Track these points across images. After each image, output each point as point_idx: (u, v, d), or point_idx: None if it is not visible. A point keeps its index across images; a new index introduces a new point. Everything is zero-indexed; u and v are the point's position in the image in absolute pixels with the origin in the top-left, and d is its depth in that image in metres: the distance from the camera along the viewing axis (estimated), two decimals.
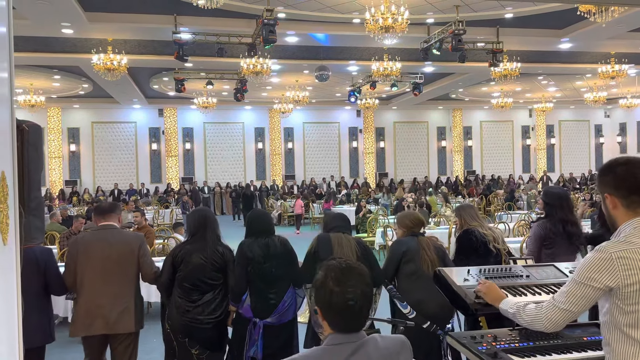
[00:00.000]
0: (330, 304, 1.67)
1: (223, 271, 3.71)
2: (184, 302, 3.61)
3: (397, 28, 9.50)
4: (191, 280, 3.62)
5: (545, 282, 2.44)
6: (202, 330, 3.59)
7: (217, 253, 3.68)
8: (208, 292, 3.64)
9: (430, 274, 3.64)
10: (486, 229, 3.96)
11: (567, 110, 26.15)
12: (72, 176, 21.44)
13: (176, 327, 3.61)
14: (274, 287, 3.81)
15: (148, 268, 3.78)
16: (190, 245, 3.71)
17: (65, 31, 11.37)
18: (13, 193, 2.38)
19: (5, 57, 2.30)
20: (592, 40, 13.56)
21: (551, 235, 3.92)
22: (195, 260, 3.63)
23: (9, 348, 2.20)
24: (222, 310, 3.71)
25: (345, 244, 3.80)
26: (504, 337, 2.18)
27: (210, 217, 3.82)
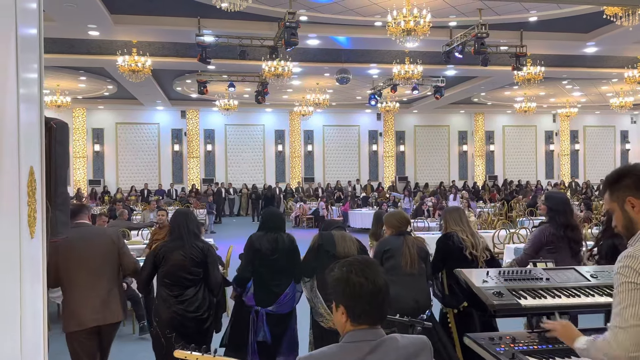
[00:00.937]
0: (359, 296, 1.69)
1: (203, 265, 3.82)
2: (168, 296, 3.75)
3: (419, 31, 9.48)
4: (172, 276, 3.76)
5: (566, 285, 2.41)
6: (186, 325, 3.71)
7: (196, 248, 3.81)
8: (190, 288, 3.77)
9: (408, 270, 3.82)
10: (467, 234, 3.96)
11: (592, 115, 25.67)
12: (96, 176, 21.84)
13: (163, 321, 3.74)
14: (278, 279, 4.08)
15: (128, 259, 3.88)
16: (171, 243, 3.85)
17: (91, 33, 11.62)
18: (41, 188, 2.46)
19: (36, 59, 2.38)
20: (619, 45, 13.32)
21: (554, 240, 3.97)
22: (175, 256, 3.77)
23: (35, 332, 2.26)
24: (206, 309, 3.81)
25: (348, 238, 4.11)
26: (523, 339, 2.17)
27: (186, 216, 3.97)
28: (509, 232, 9.44)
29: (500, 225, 11.25)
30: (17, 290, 2.10)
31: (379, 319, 1.73)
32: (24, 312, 2.14)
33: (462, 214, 4.08)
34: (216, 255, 4.07)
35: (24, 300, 2.14)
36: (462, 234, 3.95)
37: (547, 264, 2.66)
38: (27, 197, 2.23)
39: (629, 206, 1.83)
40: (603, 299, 2.29)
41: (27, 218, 2.22)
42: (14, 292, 2.07)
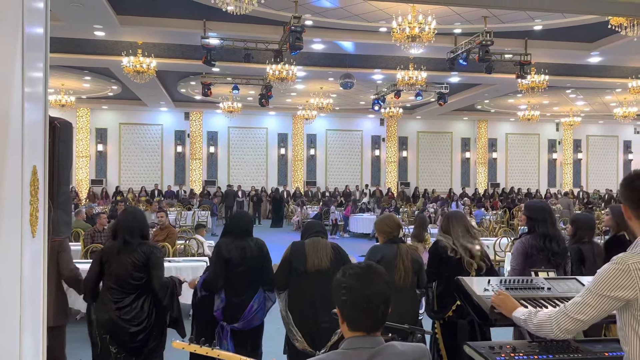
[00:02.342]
0: (352, 302, 1.68)
1: (145, 270, 3.65)
2: (108, 300, 3.64)
3: (423, 37, 9.49)
4: (114, 279, 3.65)
5: (567, 295, 2.40)
6: (120, 332, 3.60)
7: (140, 252, 3.65)
8: (131, 294, 3.64)
9: (401, 284, 3.62)
10: (456, 241, 3.82)
11: (596, 125, 25.66)
12: (99, 175, 21.89)
13: (100, 323, 3.65)
14: (244, 291, 3.81)
15: (65, 265, 3.79)
16: (116, 245, 3.72)
17: (97, 33, 11.67)
18: (43, 187, 2.46)
19: (41, 58, 2.39)
20: (623, 55, 13.32)
21: (534, 252, 3.79)
22: (119, 259, 3.64)
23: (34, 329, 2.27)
24: (144, 320, 3.64)
25: (321, 247, 3.76)
26: (523, 348, 2.16)
27: (132, 217, 3.80)
28: (510, 240, 9.42)
29: (502, 233, 11.22)
30: (18, 288, 2.11)
31: (375, 325, 1.71)
32: (24, 311, 2.14)
33: (453, 220, 3.91)
34: (161, 258, 3.77)
35: (24, 299, 2.15)
36: (449, 240, 3.82)
37: (549, 273, 2.65)
38: (30, 196, 2.24)
39: (624, 212, 1.89)
40: None
41: (29, 217, 2.23)
42: (14, 291, 2.07)
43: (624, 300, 1.73)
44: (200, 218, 16.05)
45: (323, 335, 3.49)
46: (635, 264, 1.73)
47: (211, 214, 17.16)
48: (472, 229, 3.94)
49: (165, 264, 4.04)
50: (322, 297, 3.58)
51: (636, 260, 1.74)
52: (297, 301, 3.73)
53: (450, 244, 3.80)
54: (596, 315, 1.81)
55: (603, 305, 1.77)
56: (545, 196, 23.25)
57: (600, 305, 1.78)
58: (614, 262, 1.79)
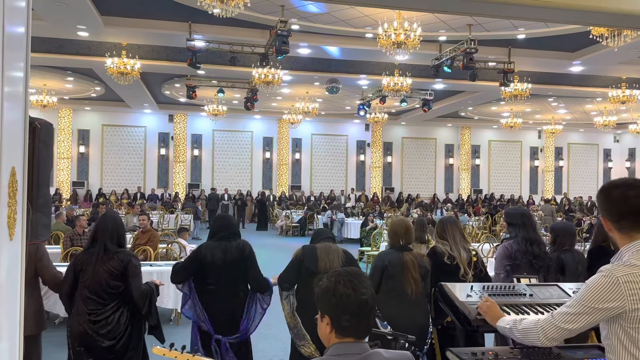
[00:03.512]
0: (344, 307, 1.67)
1: (122, 278, 3.53)
2: (83, 311, 3.50)
3: (409, 44, 9.56)
4: (90, 288, 3.50)
5: (549, 301, 2.42)
6: (94, 345, 3.48)
7: (117, 260, 3.53)
8: (107, 305, 3.51)
9: (412, 296, 3.59)
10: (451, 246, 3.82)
11: (577, 133, 26.10)
12: (80, 177, 21.58)
13: (74, 334, 3.53)
14: (233, 296, 3.76)
15: (46, 273, 3.63)
16: (88, 253, 3.59)
17: (80, 34, 11.53)
18: (22, 189, 2.41)
19: (22, 57, 2.35)
20: (604, 65, 13.58)
21: (517, 255, 3.87)
22: (92, 268, 3.50)
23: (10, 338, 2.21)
24: (120, 334, 3.52)
25: (333, 251, 3.79)
26: (505, 354, 2.17)
27: (110, 222, 3.65)
28: (492, 246, 9.50)
29: (484, 239, 11.32)
30: None
31: (364, 332, 1.71)
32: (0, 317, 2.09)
33: (448, 226, 3.92)
34: (139, 267, 3.62)
35: (1, 304, 2.09)
36: (446, 247, 3.84)
37: (531, 279, 2.68)
38: (8, 198, 2.19)
39: (604, 224, 1.89)
40: None
41: (6, 219, 2.18)
42: None
43: (612, 311, 1.74)
44: (184, 221, 15.92)
45: None
46: (623, 277, 1.74)
47: (194, 217, 17.03)
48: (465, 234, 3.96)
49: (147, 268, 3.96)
50: None
51: (623, 272, 1.75)
52: (306, 304, 3.69)
53: (448, 251, 3.79)
54: (584, 325, 1.82)
55: (591, 316, 1.79)
56: (527, 202, 23.55)
57: (588, 316, 1.79)
58: (602, 274, 1.79)
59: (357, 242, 14.76)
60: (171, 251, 7.50)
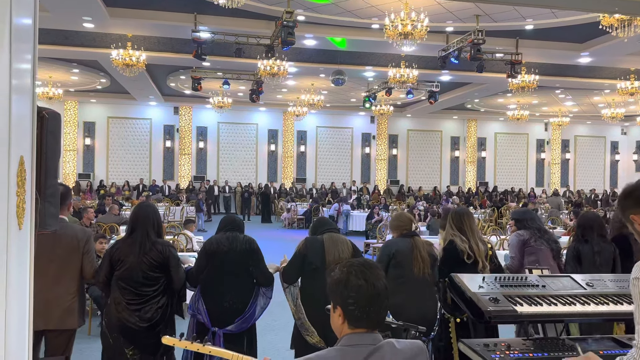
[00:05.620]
0: (357, 298, 1.65)
1: (162, 269, 3.53)
2: (121, 299, 3.49)
3: (416, 35, 9.48)
4: (127, 280, 3.49)
5: (562, 292, 2.39)
6: (136, 332, 3.46)
7: (155, 250, 3.51)
8: (145, 294, 3.50)
9: (419, 276, 3.58)
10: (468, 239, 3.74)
11: (584, 125, 25.91)
12: (86, 170, 21.65)
13: (112, 324, 3.51)
14: (235, 289, 3.67)
15: (88, 265, 3.63)
16: (127, 243, 3.57)
17: (86, 25, 11.51)
18: (31, 179, 2.40)
19: (30, 49, 2.34)
20: (612, 56, 13.44)
21: (530, 241, 3.99)
22: (131, 259, 3.49)
23: (19, 329, 2.21)
24: (159, 321, 3.52)
25: (341, 242, 3.72)
26: (518, 346, 2.14)
27: (147, 212, 3.63)
28: (499, 238, 9.46)
29: (490, 231, 11.28)
30: (3, 282, 2.04)
31: (377, 323, 1.70)
32: (9, 306, 2.08)
33: (465, 217, 3.82)
34: (178, 257, 3.63)
35: (10, 293, 2.08)
36: (464, 243, 3.70)
37: (543, 271, 2.65)
38: (17, 187, 2.17)
39: (636, 223, 1.83)
40: (599, 308, 2.27)
41: (15, 208, 2.17)
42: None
43: None
44: (189, 214, 15.94)
45: None
46: None
47: (197, 209, 17.02)
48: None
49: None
50: None
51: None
52: (310, 295, 3.65)
53: (467, 249, 3.67)
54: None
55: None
56: (529, 195, 23.46)
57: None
58: (637, 268, 1.74)
59: (362, 234, 14.75)
60: (178, 242, 7.51)
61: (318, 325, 3.58)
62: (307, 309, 3.65)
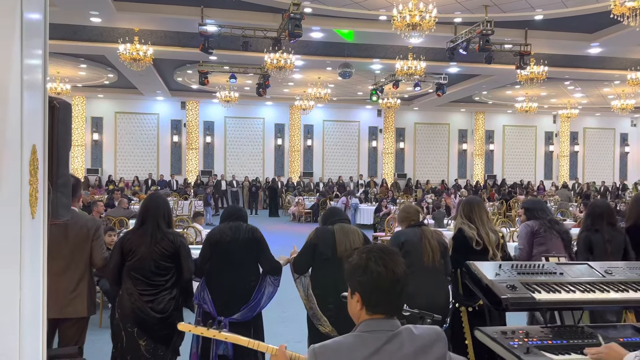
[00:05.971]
0: (376, 284, 1.64)
1: (174, 259, 3.53)
2: (133, 290, 3.48)
3: (424, 26, 9.40)
4: (139, 270, 3.48)
5: (580, 280, 2.36)
6: (150, 323, 3.45)
7: (166, 240, 3.50)
8: (158, 284, 3.50)
9: (430, 264, 3.57)
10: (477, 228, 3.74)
11: (593, 117, 25.67)
12: (94, 165, 21.75)
13: (126, 315, 3.49)
14: (239, 278, 3.66)
15: (98, 254, 3.63)
16: (137, 234, 3.55)
17: (93, 19, 11.52)
18: (43, 168, 2.39)
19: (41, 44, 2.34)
20: (622, 46, 13.28)
21: (540, 231, 3.97)
22: (143, 249, 3.48)
23: (34, 319, 2.20)
24: (172, 310, 3.51)
25: (352, 231, 3.73)
26: (536, 334, 2.11)
27: (154, 204, 3.61)
28: (509, 231, 9.41)
29: (500, 224, 11.21)
30: (17, 272, 2.04)
31: (396, 309, 1.69)
32: (24, 296, 2.07)
33: (475, 207, 3.81)
34: (188, 247, 3.64)
35: (24, 282, 2.08)
36: (473, 231, 3.72)
37: (560, 258, 2.61)
38: (29, 176, 2.16)
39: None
40: (618, 295, 2.24)
41: (28, 197, 2.16)
42: (13, 274, 2.01)
43: None
44: (197, 208, 15.98)
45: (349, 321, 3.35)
46: None
47: (205, 203, 17.07)
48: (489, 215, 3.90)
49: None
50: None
51: None
52: (321, 285, 3.65)
53: (475, 236, 3.69)
54: None
55: None
56: (537, 188, 23.32)
57: None
58: None
59: (370, 227, 14.72)
60: (187, 235, 7.52)
61: (330, 314, 3.58)
62: (318, 298, 3.65)
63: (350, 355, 1.60)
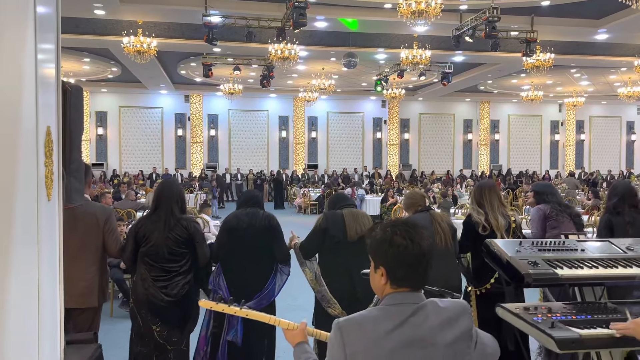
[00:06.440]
0: (402, 258, 1.63)
1: (188, 244, 3.54)
2: (147, 276, 3.48)
3: (430, 13, 9.32)
4: (153, 256, 3.48)
5: (602, 256, 2.33)
6: (163, 307, 3.46)
7: (180, 226, 3.50)
8: (171, 270, 3.49)
9: (442, 246, 3.57)
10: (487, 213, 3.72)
11: (599, 105, 25.50)
12: (99, 159, 21.78)
13: (140, 301, 3.50)
14: (255, 265, 3.65)
15: (112, 243, 3.61)
16: (151, 220, 3.55)
17: (97, 12, 11.48)
18: (57, 150, 2.37)
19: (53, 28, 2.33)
20: (630, 32, 13.14)
21: (552, 215, 3.94)
22: (156, 235, 3.48)
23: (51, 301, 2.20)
24: (185, 289, 3.52)
25: (361, 215, 3.73)
26: (559, 309, 2.09)
27: (168, 190, 3.60)
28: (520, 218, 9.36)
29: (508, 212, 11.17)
30: (35, 253, 2.03)
31: (422, 283, 1.67)
32: (42, 278, 2.06)
33: (486, 191, 3.78)
34: (202, 231, 3.67)
35: (42, 264, 2.07)
36: (480, 216, 3.70)
37: (579, 236, 2.58)
38: (45, 158, 2.15)
39: None
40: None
41: (44, 179, 2.14)
42: (31, 253, 2.00)
43: None
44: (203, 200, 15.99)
45: (360, 302, 3.28)
46: None
47: (211, 196, 17.10)
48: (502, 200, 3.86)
49: None
50: (359, 264, 3.55)
51: None
52: (331, 269, 3.64)
53: (482, 221, 3.68)
54: None
55: None
56: (543, 177, 23.22)
57: None
58: None
59: (377, 218, 14.72)
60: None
61: (340, 297, 3.58)
62: (328, 281, 3.64)
63: (375, 328, 1.58)
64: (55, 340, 2.27)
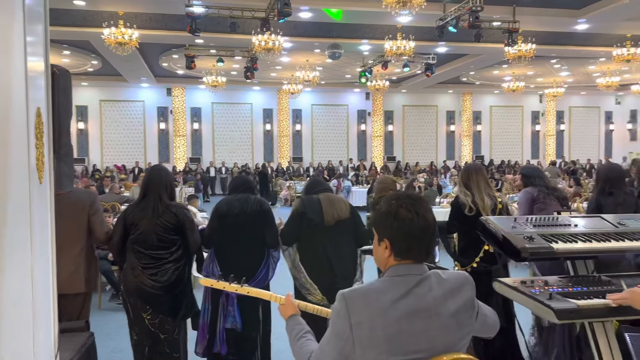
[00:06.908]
0: (407, 231, 1.63)
1: (178, 231, 3.48)
2: (136, 264, 3.44)
3: (414, 2, 9.34)
4: (142, 244, 3.44)
5: (594, 230, 2.38)
6: (152, 295, 3.41)
7: (169, 213, 3.45)
8: (161, 257, 3.44)
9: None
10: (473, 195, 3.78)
11: (578, 96, 25.92)
12: (80, 154, 21.44)
13: (129, 289, 3.45)
14: (247, 250, 3.63)
15: (99, 227, 3.59)
16: (140, 207, 3.50)
17: (76, 2, 11.26)
18: (47, 133, 2.33)
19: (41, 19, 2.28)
20: (610, 22, 13.33)
21: (539, 197, 3.97)
22: (145, 222, 3.43)
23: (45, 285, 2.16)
24: (175, 275, 3.46)
25: (337, 200, 3.73)
26: (555, 282, 2.13)
27: (156, 177, 3.54)
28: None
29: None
30: (28, 237, 1.99)
31: (426, 255, 1.69)
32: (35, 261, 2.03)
33: (473, 173, 3.85)
34: (192, 217, 3.60)
35: (35, 248, 2.03)
36: (467, 197, 3.77)
37: (571, 212, 2.63)
38: (35, 139, 2.11)
39: None
40: (634, 244, 2.27)
41: (35, 161, 2.10)
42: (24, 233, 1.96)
43: None
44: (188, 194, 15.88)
45: (340, 286, 3.36)
46: None
47: (196, 189, 16.98)
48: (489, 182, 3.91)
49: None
50: (336, 248, 3.55)
51: None
52: (309, 254, 3.64)
53: (469, 202, 3.74)
54: None
55: None
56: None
57: None
58: None
59: (364, 209, 14.76)
60: None
61: (320, 283, 3.57)
62: (307, 267, 3.62)
63: (379, 298, 1.59)
64: (49, 325, 2.24)
